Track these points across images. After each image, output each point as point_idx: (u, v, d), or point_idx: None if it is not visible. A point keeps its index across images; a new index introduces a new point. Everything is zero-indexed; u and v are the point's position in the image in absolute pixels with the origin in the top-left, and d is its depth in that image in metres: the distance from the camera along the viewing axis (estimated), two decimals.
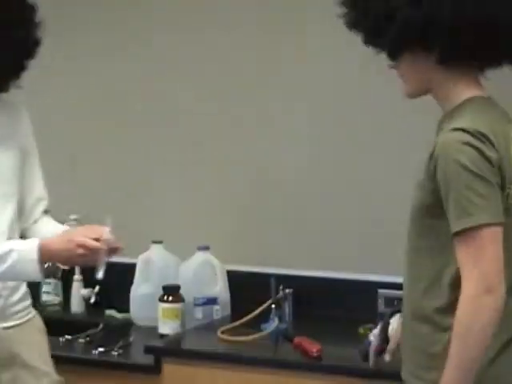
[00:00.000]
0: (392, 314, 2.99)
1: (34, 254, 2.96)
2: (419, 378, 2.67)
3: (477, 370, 2.49)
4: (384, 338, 2.98)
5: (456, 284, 2.54)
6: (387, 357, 2.95)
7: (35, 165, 3.36)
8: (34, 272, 2.97)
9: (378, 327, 3.02)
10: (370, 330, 3.41)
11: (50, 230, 3.36)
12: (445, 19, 2.54)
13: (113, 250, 3.12)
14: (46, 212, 3.41)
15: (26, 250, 2.98)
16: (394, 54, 2.71)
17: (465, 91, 2.67)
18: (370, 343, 3.02)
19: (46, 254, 3.01)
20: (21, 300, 3.19)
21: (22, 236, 3.35)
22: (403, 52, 2.68)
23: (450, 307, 2.55)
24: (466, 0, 2.55)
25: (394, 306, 3.53)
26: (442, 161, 2.52)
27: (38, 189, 3.38)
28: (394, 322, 2.96)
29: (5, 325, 3.11)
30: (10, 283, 3.14)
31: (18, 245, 3.02)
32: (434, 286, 2.62)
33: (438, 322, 2.61)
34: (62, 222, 3.48)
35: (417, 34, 2.60)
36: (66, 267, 3.40)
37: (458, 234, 2.49)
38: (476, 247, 2.48)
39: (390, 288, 3.78)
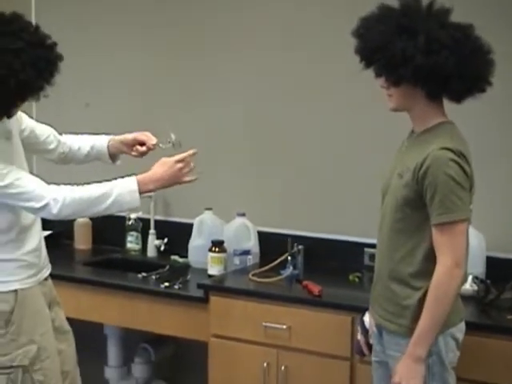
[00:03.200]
0: (363, 315, 3.06)
1: (134, 185, 2.84)
2: (389, 321, 2.79)
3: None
4: (365, 331, 3.03)
5: (427, 258, 2.68)
6: (371, 340, 3.00)
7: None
8: (135, 201, 2.85)
9: (359, 328, 3.08)
10: (358, 277, 3.73)
11: (84, 141, 3.27)
12: (447, 70, 2.60)
13: None
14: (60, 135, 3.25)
15: (127, 184, 2.84)
16: (395, 85, 2.71)
17: (438, 116, 2.76)
18: (358, 342, 3.07)
19: (145, 183, 2.87)
20: (46, 252, 3.13)
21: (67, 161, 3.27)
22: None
23: (421, 273, 2.69)
24: (462, 56, 2.61)
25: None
26: (433, 171, 2.60)
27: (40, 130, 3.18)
28: (367, 318, 3.03)
29: (45, 275, 3.09)
30: (41, 238, 3.05)
31: (119, 181, 2.86)
32: (409, 257, 2.73)
33: (410, 284, 2.72)
34: None
35: (421, 77, 2.63)
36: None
37: (440, 224, 2.62)
38: (452, 235, 2.62)
39: (373, 247, 3.66)
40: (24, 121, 3.09)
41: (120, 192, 2.82)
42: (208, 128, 4.38)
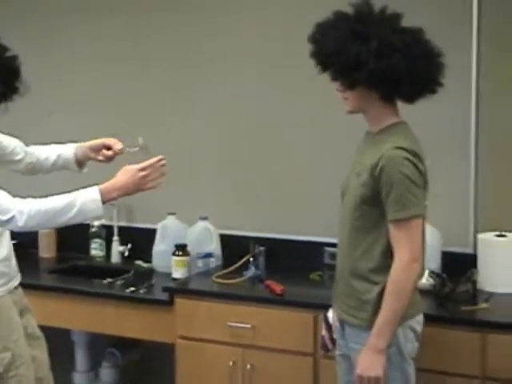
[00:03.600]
0: (327, 311, 3.13)
1: (96, 195, 2.80)
2: (351, 315, 2.87)
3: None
4: (328, 327, 3.11)
5: (385, 253, 2.76)
6: (335, 335, 3.07)
7: None
8: (99, 209, 2.81)
9: (323, 324, 3.14)
10: (319, 275, 3.80)
11: (50, 151, 3.29)
12: (399, 72, 2.69)
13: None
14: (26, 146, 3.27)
15: (89, 193, 2.82)
16: (350, 88, 2.79)
17: (392, 117, 2.84)
18: (323, 337, 3.14)
19: (108, 192, 2.85)
20: (15, 262, 3.17)
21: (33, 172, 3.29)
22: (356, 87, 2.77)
23: (380, 268, 2.77)
24: (413, 59, 2.70)
25: (336, 258, 3.88)
26: (388, 169, 2.68)
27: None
28: (330, 314, 3.11)
29: (16, 283, 3.14)
30: (11, 247, 3.10)
31: (82, 191, 2.84)
32: (368, 253, 2.80)
33: (370, 279, 2.79)
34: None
35: (374, 80, 2.72)
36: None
37: (396, 221, 2.70)
38: (408, 231, 2.70)
39: (333, 246, 3.74)
40: None
41: (83, 201, 2.81)
42: (169, 134, 4.42)
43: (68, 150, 3.33)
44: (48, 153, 3.32)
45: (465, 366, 3.17)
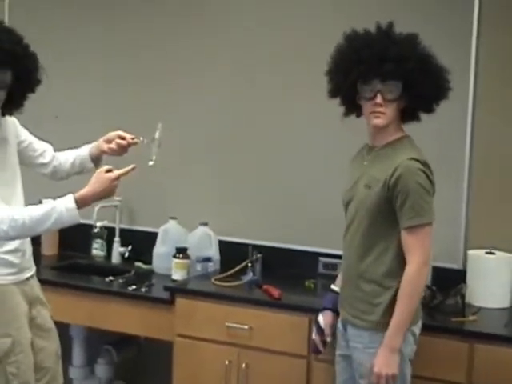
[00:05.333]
0: (317, 316, 3.26)
1: (72, 203, 2.84)
2: (357, 318, 2.98)
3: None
4: (320, 331, 3.24)
5: (397, 258, 2.88)
6: (328, 338, 3.23)
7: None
8: (75, 216, 2.86)
9: (314, 328, 3.27)
10: (313, 283, 3.89)
11: (69, 154, 3.38)
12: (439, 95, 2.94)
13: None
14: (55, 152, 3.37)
15: (65, 202, 2.85)
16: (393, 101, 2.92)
17: (398, 131, 2.99)
18: (314, 341, 3.26)
19: (83, 200, 2.88)
20: (31, 255, 3.23)
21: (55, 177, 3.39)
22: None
23: (392, 273, 2.89)
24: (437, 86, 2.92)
25: (329, 268, 4.03)
26: (404, 179, 2.82)
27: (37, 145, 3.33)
28: (321, 318, 3.24)
29: (28, 275, 3.19)
30: (24, 242, 3.14)
31: (57, 201, 2.88)
32: (380, 259, 2.92)
33: (382, 283, 2.91)
34: None
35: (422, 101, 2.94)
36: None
37: (411, 227, 2.83)
38: (420, 236, 2.84)
39: (327, 257, 4.08)
40: (24, 133, 3.26)
41: (60, 211, 2.84)
42: (173, 139, 4.33)
43: (83, 149, 3.42)
44: (67, 155, 3.42)
45: (452, 373, 3.27)
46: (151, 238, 4.41)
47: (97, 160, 3.41)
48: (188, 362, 3.80)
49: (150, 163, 3.15)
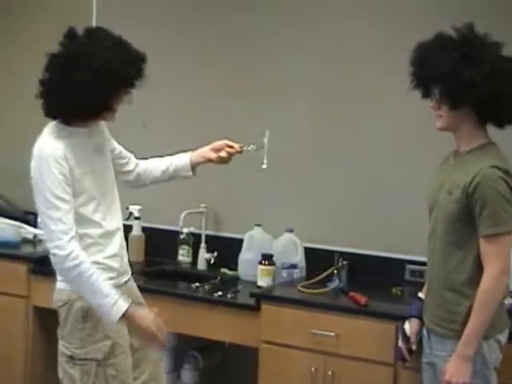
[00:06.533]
0: (403, 323, 3.26)
1: (119, 312, 2.91)
2: (440, 326, 2.98)
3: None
4: (406, 339, 3.22)
5: (476, 266, 2.85)
6: (413, 346, 3.21)
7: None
8: (112, 319, 2.93)
9: (400, 335, 3.27)
10: (400, 290, 3.87)
11: (159, 161, 3.44)
12: (505, 97, 2.83)
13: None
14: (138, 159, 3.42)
15: (120, 303, 2.91)
16: (454, 107, 2.89)
17: (482, 138, 2.97)
18: (400, 348, 3.26)
19: (130, 316, 2.94)
20: (127, 260, 3.27)
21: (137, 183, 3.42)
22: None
23: (472, 281, 2.86)
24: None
25: (416, 275, 3.98)
26: (483, 187, 2.79)
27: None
28: (407, 326, 3.23)
29: (125, 279, 3.23)
30: (122, 247, 3.19)
31: (118, 296, 2.93)
32: (460, 267, 2.90)
33: (462, 291, 2.89)
34: None
35: (483, 103, 2.83)
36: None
37: (489, 236, 2.80)
38: (500, 245, 2.81)
39: (414, 264, 4.04)
40: (114, 142, 3.32)
41: (112, 304, 2.90)
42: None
43: (180, 157, 3.44)
44: (156, 163, 3.46)
45: None
46: (237, 244, 4.44)
47: (195, 168, 3.45)
48: (273, 369, 3.81)
49: (264, 166, 3.30)
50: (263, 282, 4.10)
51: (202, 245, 4.66)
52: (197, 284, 4.21)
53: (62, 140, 2.99)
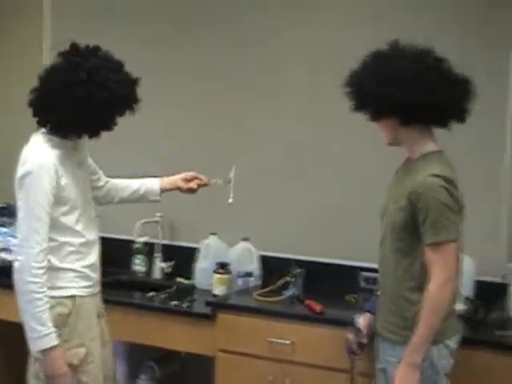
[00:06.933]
0: (357, 316, 3.29)
1: (49, 343, 2.96)
2: (392, 332, 2.99)
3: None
4: (356, 330, 3.27)
5: (421, 273, 2.87)
6: (364, 340, 3.25)
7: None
8: (36, 347, 2.96)
9: (351, 331, 3.29)
10: (354, 298, 3.89)
11: (131, 181, 3.52)
12: (421, 103, 2.84)
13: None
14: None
15: (50, 338, 2.95)
16: (373, 119, 3.01)
17: (426, 145, 2.97)
18: (348, 340, 3.29)
19: (49, 354, 2.95)
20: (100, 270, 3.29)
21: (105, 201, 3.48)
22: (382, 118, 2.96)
23: (418, 288, 2.88)
24: (436, 90, 2.84)
25: (370, 282, 4.01)
26: (425, 196, 2.80)
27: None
28: (360, 320, 3.27)
29: (98, 289, 3.29)
30: (98, 256, 3.24)
31: (51, 328, 2.96)
32: (407, 274, 2.93)
33: (410, 298, 2.92)
34: None
35: (399, 111, 2.89)
36: None
37: (432, 244, 2.83)
38: (444, 253, 2.82)
39: (368, 271, 4.04)
40: (88, 157, 3.36)
41: (45, 334, 2.94)
42: (213, 159, 4.49)
43: (151, 182, 3.56)
44: (128, 182, 3.55)
45: None
46: (192, 253, 4.43)
47: (163, 192, 3.58)
48: (231, 378, 3.80)
49: (230, 201, 3.53)
50: (219, 290, 4.11)
51: (157, 254, 4.66)
52: (152, 293, 4.19)
53: (52, 150, 3.03)
